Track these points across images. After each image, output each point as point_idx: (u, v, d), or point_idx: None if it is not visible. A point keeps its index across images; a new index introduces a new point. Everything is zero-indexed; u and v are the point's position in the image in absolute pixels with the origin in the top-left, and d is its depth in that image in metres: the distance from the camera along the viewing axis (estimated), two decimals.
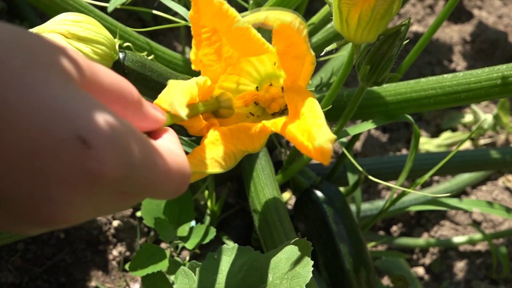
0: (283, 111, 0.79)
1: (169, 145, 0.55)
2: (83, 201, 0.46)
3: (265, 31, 0.71)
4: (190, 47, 0.76)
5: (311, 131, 0.62)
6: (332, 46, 0.77)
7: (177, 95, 0.65)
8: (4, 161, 0.41)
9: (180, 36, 1.67)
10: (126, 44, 0.97)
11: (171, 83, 0.67)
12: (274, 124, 0.71)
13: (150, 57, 0.98)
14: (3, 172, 0.42)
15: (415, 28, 1.86)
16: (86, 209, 0.47)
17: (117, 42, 0.91)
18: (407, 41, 0.80)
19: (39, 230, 0.47)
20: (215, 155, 0.70)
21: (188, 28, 1.47)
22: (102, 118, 0.45)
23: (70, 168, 0.43)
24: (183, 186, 0.56)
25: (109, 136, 0.45)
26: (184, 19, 1.06)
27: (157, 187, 0.52)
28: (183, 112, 0.61)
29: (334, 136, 0.60)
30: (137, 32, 1.04)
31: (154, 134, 0.60)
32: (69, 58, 0.47)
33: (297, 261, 0.78)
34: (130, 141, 0.47)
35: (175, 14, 1.25)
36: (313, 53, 0.68)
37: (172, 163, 0.53)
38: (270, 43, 0.71)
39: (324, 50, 0.76)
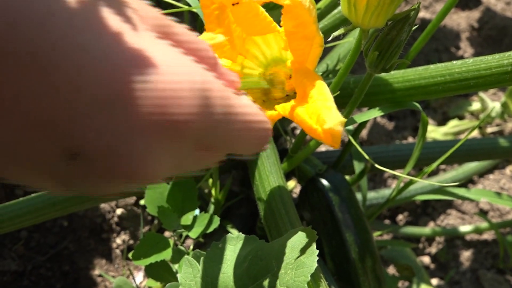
0: (290, 97, 0.77)
1: (249, 100, 0.52)
2: (165, 153, 0.43)
3: (273, 14, 0.70)
4: (195, 32, 0.74)
5: (321, 113, 0.61)
6: (340, 31, 0.75)
7: (203, 37, 0.64)
8: (84, 112, 0.38)
9: (185, 22, 1.66)
10: None
11: None
12: (283, 108, 0.70)
13: None
14: (84, 124, 0.39)
15: (422, 14, 1.83)
16: (168, 163, 0.44)
17: None
18: (416, 26, 0.78)
19: (120, 187, 0.44)
20: None
21: (192, 14, 1.45)
22: (184, 64, 0.43)
23: (152, 117, 0.40)
24: (266, 140, 0.53)
25: (191, 83, 0.42)
26: (188, 4, 1.04)
27: (240, 140, 0.50)
28: (219, 37, 0.60)
29: (344, 119, 0.59)
30: None
31: None
32: (142, 6, 0.45)
33: (303, 250, 0.77)
34: (213, 90, 0.45)
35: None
36: (321, 35, 0.67)
37: (254, 115, 0.50)
38: (279, 25, 0.70)
39: (332, 35, 0.75)
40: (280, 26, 0.70)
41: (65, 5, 0.39)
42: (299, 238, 0.79)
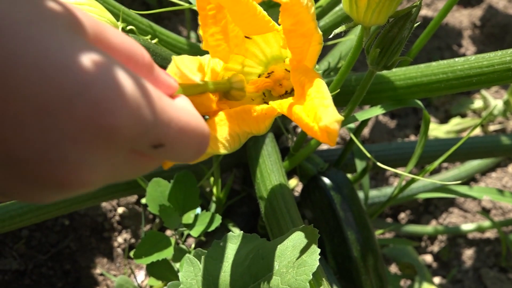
0: (289, 94, 0.77)
1: (185, 105, 0.52)
2: (99, 161, 0.43)
3: (272, 13, 0.69)
4: (196, 31, 0.74)
5: (317, 111, 0.61)
6: (341, 28, 0.75)
7: (186, 64, 0.63)
8: (14, 119, 0.39)
9: (185, 21, 1.65)
10: (129, 27, 0.95)
11: (175, 58, 0.65)
12: (280, 105, 0.69)
13: (154, 41, 0.96)
14: (13, 132, 0.39)
15: (424, 12, 1.83)
16: (103, 170, 0.44)
17: (120, 25, 0.89)
18: (417, 23, 0.78)
19: (54, 195, 0.44)
20: (219, 135, 0.69)
21: (193, 12, 1.45)
22: (114, 71, 0.43)
23: (83, 124, 0.41)
24: (203, 147, 0.52)
25: (122, 90, 0.43)
26: (189, 2, 1.03)
27: (176, 146, 0.49)
28: (197, 77, 0.60)
29: (341, 117, 0.58)
30: (141, 15, 1.02)
31: None
32: (75, 13, 0.45)
33: (304, 249, 0.77)
34: (145, 95, 0.45)
35: None
36: (320, 32, 0.66)
37: (190, 120, 0.50)
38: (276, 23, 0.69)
39: (333, 33, 0.74)
40: (279, 24, 0.70)
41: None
42: (300, 237, 0.78)
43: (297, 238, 0.78)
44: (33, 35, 0.40)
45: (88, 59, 0.42)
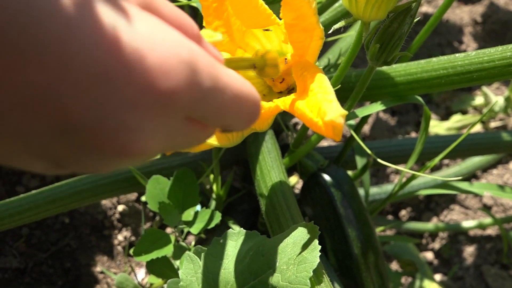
0: (290, 90, 0.76)
1: (235, 73, 0.52)
2: (156, 128, 0.43)
3: (273, 7, 0.69)
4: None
5: (321, 106, 0.60)
6: (341, 24, 0.74)
7: (204, 33, 0.64)
8: (72, 87, 0.39)
9: None
10: None
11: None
12: (283, 102, 0.69)
13: None
14: (72, 99, 0.39)
15: (424, 9, 1.82)
16: (159, 137, 0.44)
17: None
18: (418, 19, 0.77)
19: (112, 164, 0.44)
20: None
21: (192, 8, 1.44)
22: (170, 37, 0.43)
23: (142, 90, 0.41)
24: (256, 114, 0.52)
25: (179, 56, 0.43)
26: None
27: (230, 111, 0.49)
28: (218, 35, 0.59)
29: (345, 112, 0.58)
30: None
31: None
32: None
33: (304, 246, 0.76)
34: (200, 62, 0.45)
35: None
36: (321, 27, 0.66)
37: (242, 87, 0.50)
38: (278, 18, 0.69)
39: (332, 28, 0.74)
40: (280, 19, 0.69)
41: None
42: (301, 234, 0.78)
43: (298, 235, 0.78)
44: (88, 5, 0.39)
45: (144, 26, 0.42)
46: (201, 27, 0.72)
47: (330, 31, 0.75)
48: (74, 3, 0.39)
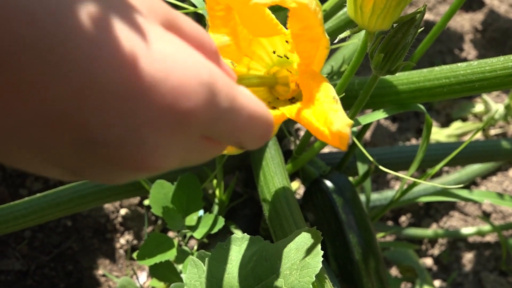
0: (296, 99, 0.77)
1: (250, 93, 0.54)
2: (174, 145, 0.45)
3: (279, 15, 0.70)
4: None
5: (328, 116, 0.61)
6: (346, 33, 0.75)
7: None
8: (96, 105, 0.40)
9: None
10: None
11: None
12: (289, 110, 0.70)
13: None
14: (95, 116, 0.40)
15: (425, 16, 1.84)
16: (175, 154, 0.46)
17: None
18: (422, 29, 0.78)
19: (128, 177, 0.46)
20: None
21: (197, 15, 1.45)
22: (191, 58, 0.44)
23: (162, 110, 0.42)
24: (269, 133, 0.54)
25: (199, 77, 0.44)
26: (194, 5, 1.04)
27: (245, 131, 0.51)
28: (225, 38, 0.60)
29: (351, 121, 0.59)
30: None
31: None
32: (150, 1, 0.46)
33: (307, 251, 0.77)
34: (219, 82, 0.46)
35: (184, 0, 1.24)
36: (327, 37, 0.67)
37: (257, 107, 0.52)
38: (284, 27, 0.70)
39: (338, 37, 0.75)
40: (286, 28, 0.70)
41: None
42: (304, 239, 0.79)
43: (301, 240, 0.79)
44: (116, 24, 0.41)
45: (166, 47, 0.43)
46: None
47: (336, 41, 0.76)
48: (99, 24, 0.40)
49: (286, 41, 0.75)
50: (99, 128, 0.41)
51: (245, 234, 0.84)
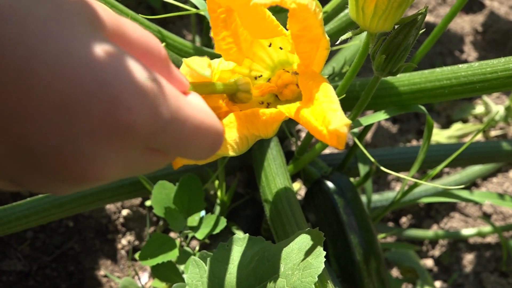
0: (296, 99, 0.78)
1: (199, 102, 0.53)
2: (114, 156, 0.44)
3: (279, 16, 0.70)
4: (201, 35, 0.75)
5: (326, 115, 0.62)
6: (348, 34, 0.76)
7: (196, 62, 0.65)
8: (33, 114, 0.40)
9: (190, 25, 1.66)
10: None
11: (186, 60, 0.67)
12: (288, 109, 0.70)
13: (162, 45, 0.97)
14: (31, 127, 0.40)
15: (426, 18, 1.83)
16: (117, 165, 0.45)
17: None
18: (423, 30, 0.79)
19: (69, 188, 0.45)
20: (228, 137, 0.70)
21: (199, 16, 1.46)
22: (132, 69, 0.44)
23: (100, 121, 0.42)
24: (217, 145, 0.53)
25: (139, 87, 0.43)
26: (195, 7, 1.04)
27: (190, 143, 0.50)
28: (207, 71, 0.60)
29: (349, 121, 0.60)
30: (147, 19, 1.03)
31: None
32: (94, 8, 0.45)
33: (309, 252, 0.77)
34: (161, 92, 0.46)
35: (185, 1, 1.24)
36: (327, 38, 0.67)
37: (204, 119, 0.51)
38: (284, 28, 0.70)
39: (340, 39, 0.75)
40: (287, 29, 0.71)
41: (20, 11, 0.39)
42: (305, 240, 0.79)
43: (303, 241, 0.79)
44: (53, 32, 0.40)
45: (106, 57, 0.42)
46: (208, 36, 0.74)
47: (337, 42, 0.76)
48: (39, 33, 0.39)
49: (280, 48, 0.76)
50: (35, 138, 0.40)
51: (247, 234, 0.84)
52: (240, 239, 0.84)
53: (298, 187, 1.38)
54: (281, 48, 0.76)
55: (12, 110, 0.39)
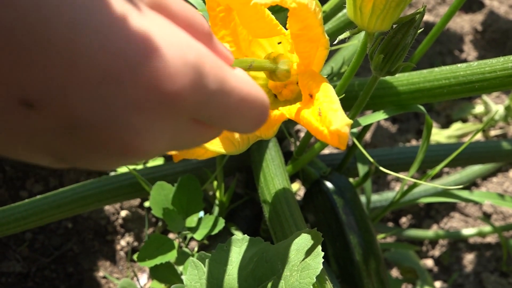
0: (295, 99, 0.78)
1: (245, 75, 0.51)
2: (161, 128, 0.44)
3: (279, 16, 0.70)
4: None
5: (327, 115, 0.61)
6: (345, 34, 0.75)
7: None
8: (79, 86, 0.39)
9: None
10: None
11: None
12: (289, 110, 0.70)
13: None
14: (79, 98, 0.39)
15: (425, 17, 1.84)
16: (164, 137, 0.45)
17: None
18: (421, 29, 0.79)
19: (116, 162, 0.45)
20: (230, 135, 0.70)
21: None
22: (177, 39, 0.43)
23: (147, 92, 0.41)
24: (263, 117, 0.52)
25: (185, 58, 0.43)
26: (194, 7, 1.04)
27: (236, 114, 0.49)
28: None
29: (350, 121, 0.59)
30: None
31: None
32: None
33: (308, 252, 0.77)
34: (206, 64, 0.45)
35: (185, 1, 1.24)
36: (327, 37, 0.67)
37: (249, 89, 0.50)
38: (284, 27, 0.70)
39: (338, 38, 0.75)
40: (286, 29, 0.70)
41: None
42: (304, 240, 0.79)
43: (301, 242, 0.79)
44: (96, 4, 0.40)
45: (151, 27, 0.42)
46: None
47: (335, 42, 0.76)
48: (78, 6, 0.39)
49: (286, 47, 0.75)
50: (83, 111, 0.40)
51: (246, 235, 0.84)
52: (239, 240, 0.84)
53: (297, 187, 1.38)
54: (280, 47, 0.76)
55: (57, 81, 0.39)
